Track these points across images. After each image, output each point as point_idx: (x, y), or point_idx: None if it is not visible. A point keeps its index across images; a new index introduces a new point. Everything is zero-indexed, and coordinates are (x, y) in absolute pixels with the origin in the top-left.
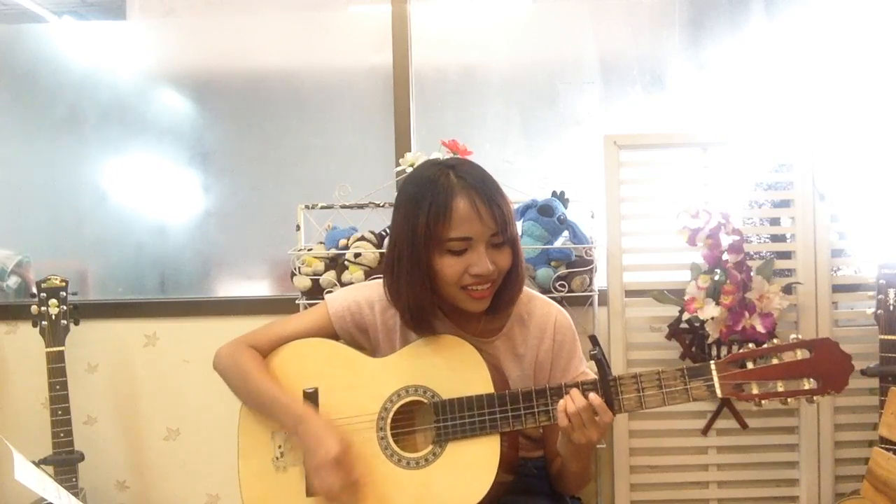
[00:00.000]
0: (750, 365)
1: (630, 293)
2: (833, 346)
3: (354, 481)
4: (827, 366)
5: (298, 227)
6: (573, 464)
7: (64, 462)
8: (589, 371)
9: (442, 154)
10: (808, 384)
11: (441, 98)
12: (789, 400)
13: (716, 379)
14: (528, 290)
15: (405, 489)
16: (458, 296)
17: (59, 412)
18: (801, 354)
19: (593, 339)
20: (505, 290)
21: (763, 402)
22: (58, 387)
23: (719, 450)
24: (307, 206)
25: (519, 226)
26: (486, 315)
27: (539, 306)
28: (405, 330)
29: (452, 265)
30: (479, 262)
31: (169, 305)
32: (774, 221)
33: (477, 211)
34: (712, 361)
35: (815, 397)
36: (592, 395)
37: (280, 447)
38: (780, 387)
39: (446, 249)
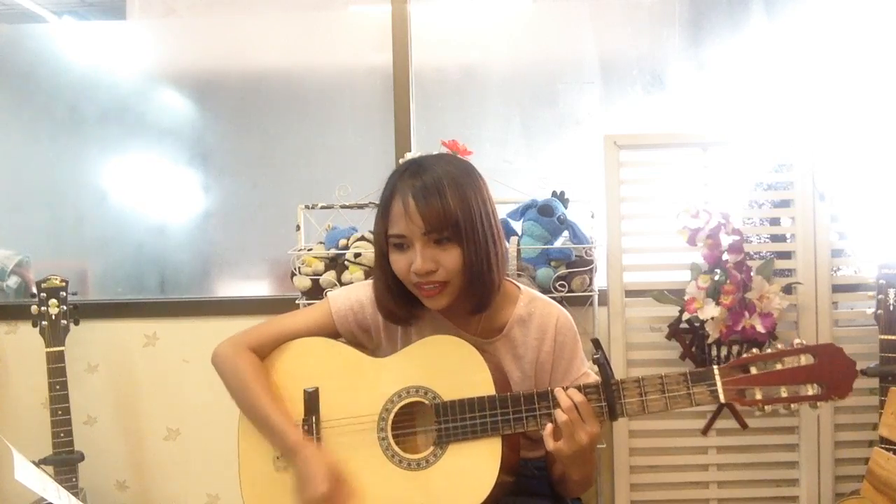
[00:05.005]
0: (753, 370)
1: (630, 293)
2: (837, 352)
3: None
4: (831, 371)
5: (298, 227)
6: (574, 472)
7: (64, 462)
8: (590, 372)
9: None
10: (812, 390)
11: (441, 98)
12: (792, 406)
13: (719, 384)
14: (530, 291)
15: (406, 491)
16: (416, 293)
17: (59, 412)
18: (805, 360)
19: (596, 343)
20: (471, 291)
21: (766, 407)
22: (58, 387)
23: (719, 450)
24: (307, 206)
25: (519, 226)
26: (477, 315)
27: (540, 307)
28: (406, 329)
29: (398, 261)
30: (414, 259)
31: (169, 305)
32: (774, 221)
33: (406, 210)
34: (715, 366)
35: (818, 403)
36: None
37: None
38: (783, 392)
39: (392, 245)
